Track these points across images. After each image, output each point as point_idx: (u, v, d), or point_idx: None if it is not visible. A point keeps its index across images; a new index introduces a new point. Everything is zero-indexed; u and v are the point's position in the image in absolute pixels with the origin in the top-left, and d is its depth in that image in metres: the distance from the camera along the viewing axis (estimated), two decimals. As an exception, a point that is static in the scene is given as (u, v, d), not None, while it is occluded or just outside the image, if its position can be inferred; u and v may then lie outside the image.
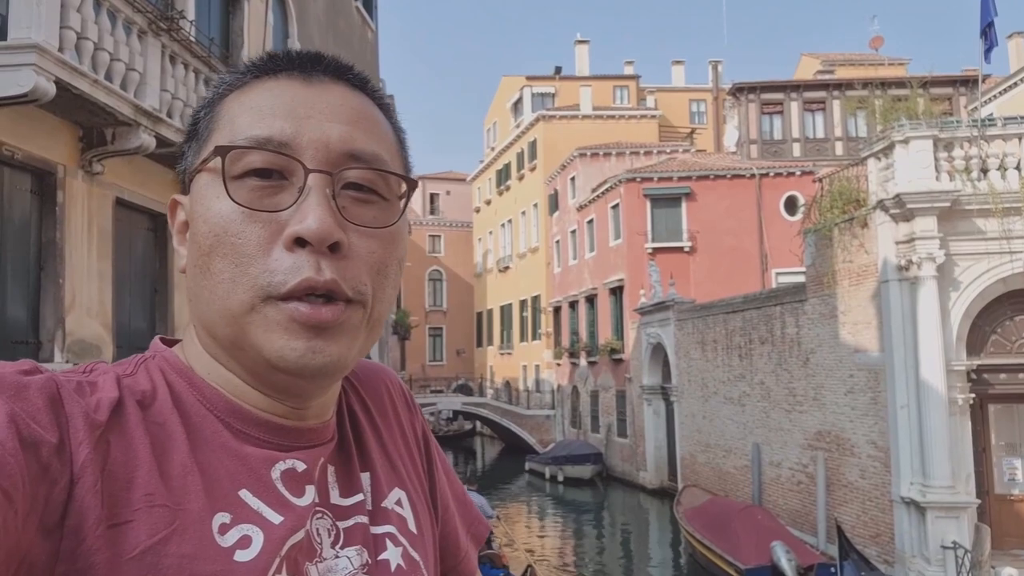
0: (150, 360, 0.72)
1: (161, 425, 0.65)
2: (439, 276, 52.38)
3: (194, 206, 0.70)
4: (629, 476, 26.56)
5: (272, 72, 0.71)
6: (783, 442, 16.95)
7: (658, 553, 19.04)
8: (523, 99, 42.36)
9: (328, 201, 0.66)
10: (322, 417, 0.76)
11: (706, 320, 20.93)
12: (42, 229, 6.88)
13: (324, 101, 0.70)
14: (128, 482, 0.60)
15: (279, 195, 0.66)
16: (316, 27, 14.23)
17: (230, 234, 0.65)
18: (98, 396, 0.63)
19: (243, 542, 0.63)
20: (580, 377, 31.99)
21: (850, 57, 36.75)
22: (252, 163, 0.66)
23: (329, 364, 0.67)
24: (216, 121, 0.71)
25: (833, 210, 14.95)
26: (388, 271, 0.70)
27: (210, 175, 0.68)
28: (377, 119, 0.74)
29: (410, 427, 0.90)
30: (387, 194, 0.71)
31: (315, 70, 0.72)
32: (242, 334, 0.66)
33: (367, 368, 0.89)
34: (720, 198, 27.37)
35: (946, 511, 12.10)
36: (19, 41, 5.84)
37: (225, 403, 0.70)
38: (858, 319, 14.17)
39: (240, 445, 0.68)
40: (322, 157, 0.67)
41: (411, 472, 0.85)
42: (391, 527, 0.77)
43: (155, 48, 7.61)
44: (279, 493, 0.68)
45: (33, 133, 6.61)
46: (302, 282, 0.64)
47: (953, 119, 15.83)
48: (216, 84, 0.74)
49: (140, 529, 0.59)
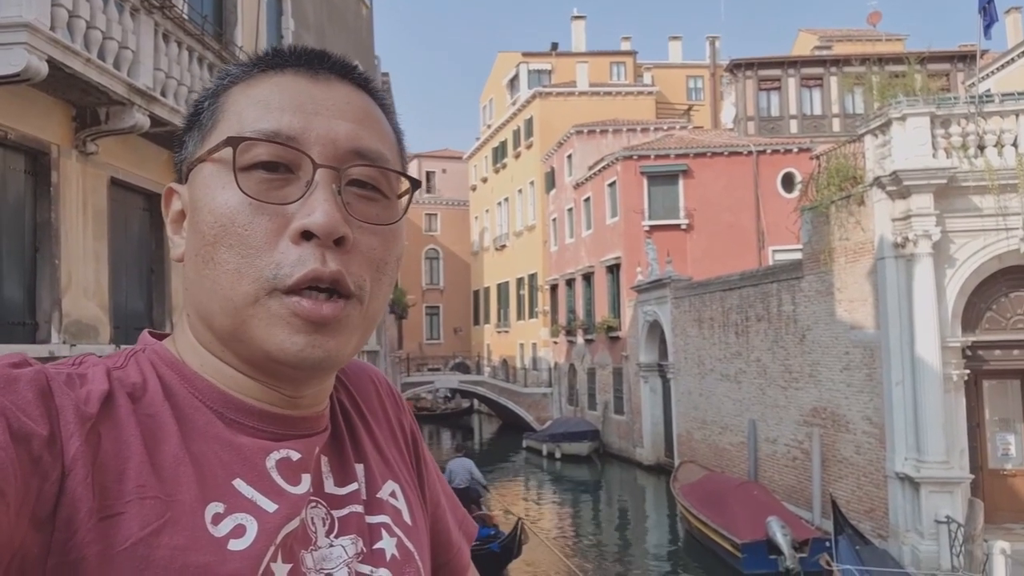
0: (140, 353, 0.72)
1: (152, 417, 0.65)
2: (436, 255, 52.35)
3: (197, 195, 0.70)
4: (626, 453, 26.74)
5: (278, 67, 0.72)
6: (779, 418, 17.06)
7: (654, 529, 19.21)
8: (519, 76, 42.11)
9: (335, 196, 0.67)
10: (316, 407, 0.76)
11: (703, 298, 20.97)
12: (37, 210, 6.85)
13: (331, 98, 0.71)
14: (119, 474, 0.60)
15: (286, 188, 0.67)
16: (310, 3, 14.11)
17: (237, 225, 0.66)
18: (88, 388, 0.63)
19: (237, 531, 0.63)
20: (577, 355, 32.10)
21: (848, 33, 36.53)
22: (260, 155, 0.67)
23: (327, 358, 0.68)
24: (221, 112, 0.71)
25: (830, 187, 14.95)
26: (386, 268, 0.72)
27: (215, 165, 0.68)
28: (380, 119, 0.75)
29: (398, 423, 0.90)
30: (389, 192, 0.72)
31: (321, 67, 0.73)
32: (243, 326, 0.67)
33: (354, 366, 0.90)
34: (717, 175, 27.32)
35: (940, 486, 12.21)
36: (10, 20, 5.78)
37: (218, 394, 0.70)
38: (854, 296, 14.21)
39: (234, 435, 0.69)
40: (329, 153, 0.68)
41: (402, 466, 0.86)
42: (386, 517, 0.78)
43: (148, 26, 7.54)
44: (274, 482, 0.68)
45: (26, 113, 6.56)
46: (308, 273, 0.65)
47: (950, 96, 15.78)
48: (220, 75, 0.74)
49: (132, 521, 0.59)
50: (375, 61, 20.61)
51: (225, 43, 9.86)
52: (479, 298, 48.68)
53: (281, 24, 12.74)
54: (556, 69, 41.58)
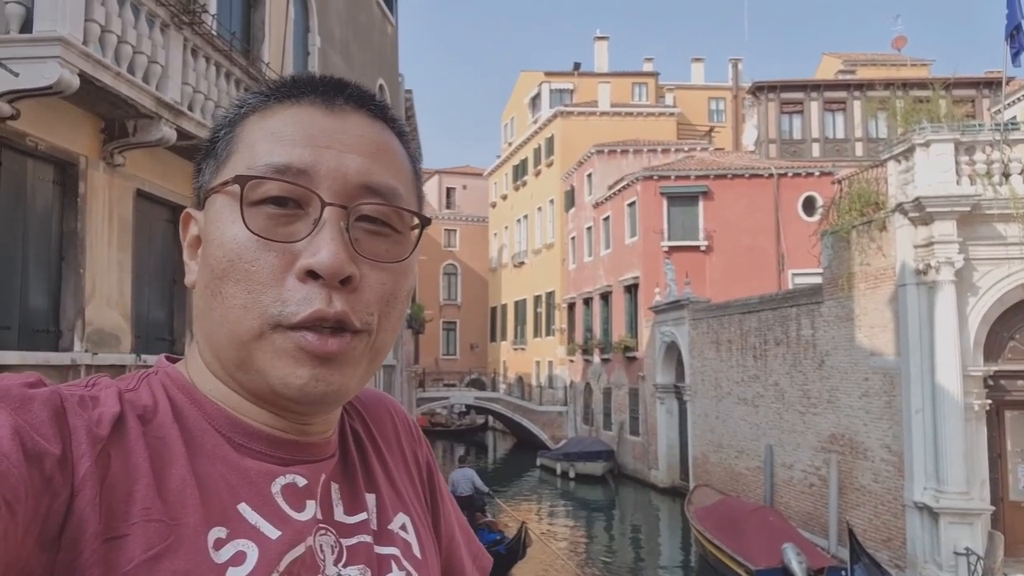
0: (152, 376, 0.73)
1: (161, 439, 0.66)
2: (454, 270, 52.45)
3: (209, 227, 0.70)
4: (641, 474, 26.54)
5: (295, 97, 0.72)
6: (796, 444, 16.89)
7: (668, 552, 19.02)
8: (541, 95, 42.30)
9: (342, 235, 0.67)
10: (324, 433, 0.76)
11: (721, 320, 20.86)
12: (64, 220, 6.96)
13: (344, 131, 0.71)
14: (127, 496, 0.61)
15: (294, 224, 0.67)
16: (337, 21, 14.28)
17: (244, 260, 0.66)
18: (100, 410, 0.64)
19: (237, 558, 0.63)
20: (593, 374, 31.97)
21: (872, 57, 36.42)
22: (269, 191, 0.67)
23: (331, 393, 0.68)
24: (236, 143, 0.71)
25: (851, 212, 14.86)
26: (396, 302, 0.71)
27: (226, 198, 0.69)
28: (395, 151, 0.75)
29: (412, 456, 0.90)
30: (400, 227, 0.72)
31: (337, 97, 0.72)
32: (248, 358, 0.68)
33: (372, 396, 0.90)
34: (738, 197, 27.24)
35: (960, 517, 12.02)
36: (45, 34, 5.91)
37: (226, 417, 0.70)
38: (874, 322, 14.08)
39: (241, 458, 0.69)
40: (339, 188, 0.68)
41: (414, 500, 0.85)
42: (396, 549, 0.77)
43: (177, 41, 7.67)
44: (278, 507, 0.68)
45: (56, 124, 6.68)
46: (313, 313, 0.65)
47: (975, 122, 15.67)
48: (238, 104, 0.75)
49: (135, 543, 0.59)
50: (399, 79, 20.79)
51: (252, 59, 10.00)
52: (496, 315, 48.67)
53: (308, 41, 12.90)
54: (578, 89, 41.72)
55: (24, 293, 6.58)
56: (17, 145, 6.34)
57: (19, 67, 5.85)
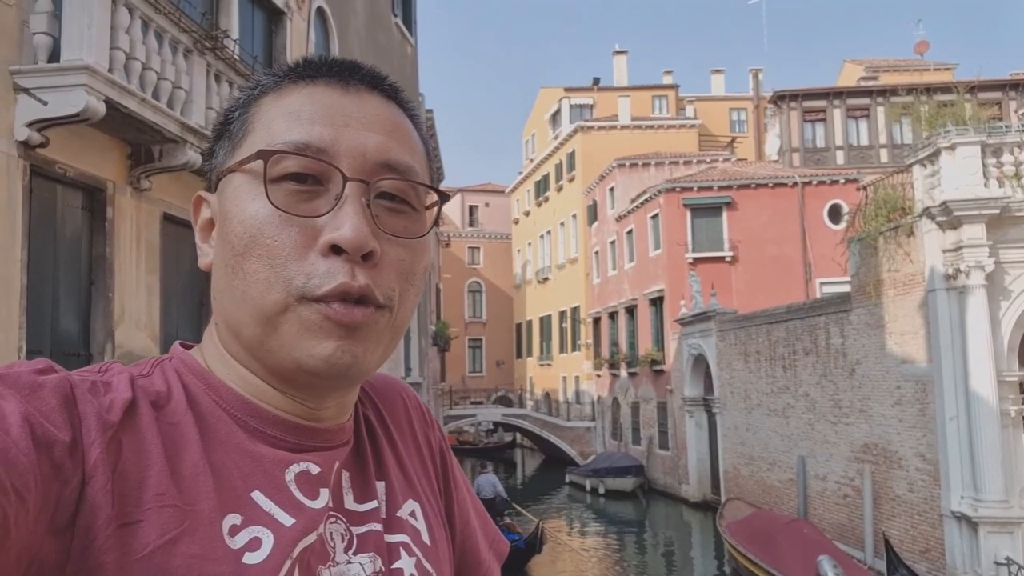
0: (167, 362, 0.72)
1: (174, 425, 0.65)
2: (478, 287, 52.56)
3: (226, 206, 0.70)
4: (671, 489, 26.28)
5: (310, 77, 0.72)
6: (829, 455, 16.64)
7: (701, 567, 18.79)
8: (561, 110, 42.44)
9: (364, 210, 0.67)
10: (339, 419, 0.76)
11: (748, 331, 20.68)
12: (92, 244, 7.08)
13: (361, 110, 0.71)
14: (139, 482, 0.60)
15: (315, 200, 0.67)
16: (357, 43, 14.45)
17: (266, 236, 0.66)
18: (111, 396, 0.63)
19: (252, 544, 0.63)
20: (620, 388, 31.79)
21: (895, 63, 36.11)
22: (289, 167, 0.67)
23: (354, 364, 0.68)
24: (252, 123, 0.71)
25: (878, 218, 14.70)
26: (415, 278, 0.72)
27: (245, 176, 0.69)
28: (409, 130, 0.75)
29: (425, 441, 0.90)
30: (417, 205, 0.72)
31: (352, 78, 0.73)
32: (273, 333, 0.67)
33: (384, 381, 0.90)
34: (762, 207, 27.07)
35: (999, 526, 11.77)
36: (71, 63, 6.04)
37: (241, 402, 0.70)
38: (905, 329, 13.88)
39: (255, 445, 0.69)
40: (359, 166, 0.68)
41: (425, 485, 0.85)
42: (405, 536, 0.77)
43: (200, 66, 7.80)
44: (292, 495, 0.68)
45: (84, 151, 6.81)
46: (338, 286, 0.65)
47: (1002, 124, 15.47)
48: (251, 85, 0.75)
49: (150, 529, 0.59)
50: (420, 98, 20.98)
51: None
52: (521, 331, 48.65)
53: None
54: (598, 103, 41.82)
55: (55, 317, 6.69)
56: (47, 172, 6.47)
57: (47, 96, 5.98)
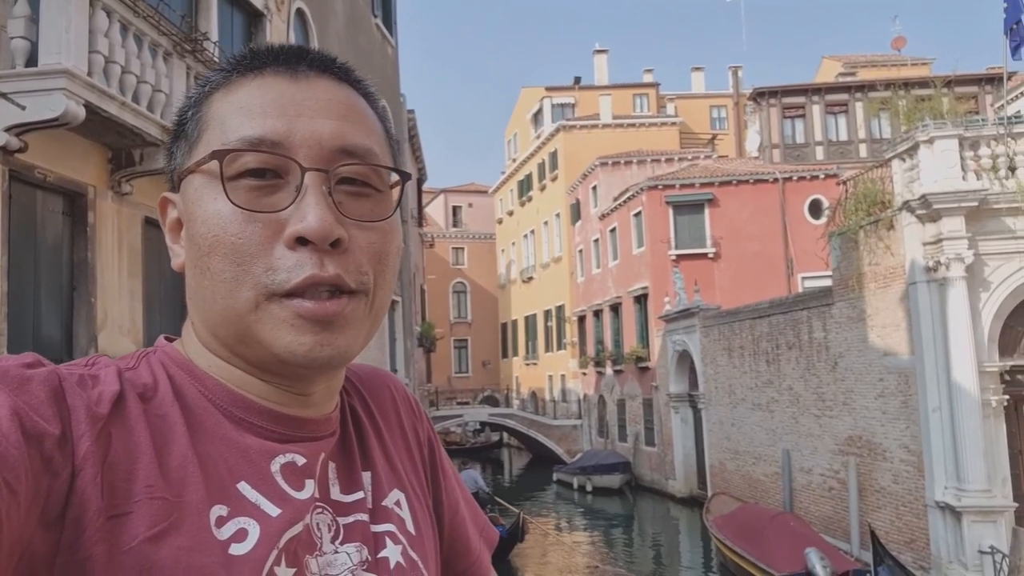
0: (152, 354, 0.72)
1: (162, 417, 0.66)
2: (463, 288, 52.50)
3: (190, 207, 0.70)
4: (658, 485, 26.39)
5: (257, 68, 0.71)
6: (813, 448, 16.77)
7: (689, 562, 18.87)
8: (543, 110, 42.46)
9: (326, 199, 0.67)
10: (324, 409, 0.76)
11: (732, 326, 20.80)
12: (74, 249, 7.02)
13: (313, 97, 0.70)
14: (128, 474, 0.61)
15: (276, 194, 0.67)
16: (337, 44, 14.40)
17: (230, 234, 0.66)
18: (100, 389, 0.64)
19: (239, 535, 0.64)
20: (606, 386, 31.88)
21: (872, 59, 36.43)
22: (247, 164, 0.67)
23: (336, 356, 0.68)
24: (205, 121, 0.70)
25: (858, 212, 14.82)
26: (388, 259, 0.72)
27: (204, 177, 0.68)
28: (364, 111, 0.74)
29: (412, 431, 0.90)
30: (380, 186, 0.72)
31: (300, 64, 0.72)
32: (247, 331, 0.68)
33: (370, 372, 0.90)
34: (743, 203, 27.23)
35: (982, 515, 11.89)
36: (50, 67, 5.99)
37: (227, 393, 0.70)
38: (886, 322, 14.01)
39: (241, 436, 0.69)
40: (316, 155, 0.68)
41: (411, 475, 0.85)
42: (391, 526, 0.77)
43: (180, 69, 7.76)
44: (278, 486, 0.68)
45: (64, 155, 6.76)
46: (307, 278, 0.65)
47: (979, 118, 15.66)
48: (201, 83, 0.74)
49: (139, 521, 0.59)
50: (401, 99, 20.93)
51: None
52: (507, 331, 48.65)
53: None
54: (579, 102, 41.87)
55: (37, 323, 6.63)
56: (26, 177, 6.41)
57: (25, 100, 5.93)
